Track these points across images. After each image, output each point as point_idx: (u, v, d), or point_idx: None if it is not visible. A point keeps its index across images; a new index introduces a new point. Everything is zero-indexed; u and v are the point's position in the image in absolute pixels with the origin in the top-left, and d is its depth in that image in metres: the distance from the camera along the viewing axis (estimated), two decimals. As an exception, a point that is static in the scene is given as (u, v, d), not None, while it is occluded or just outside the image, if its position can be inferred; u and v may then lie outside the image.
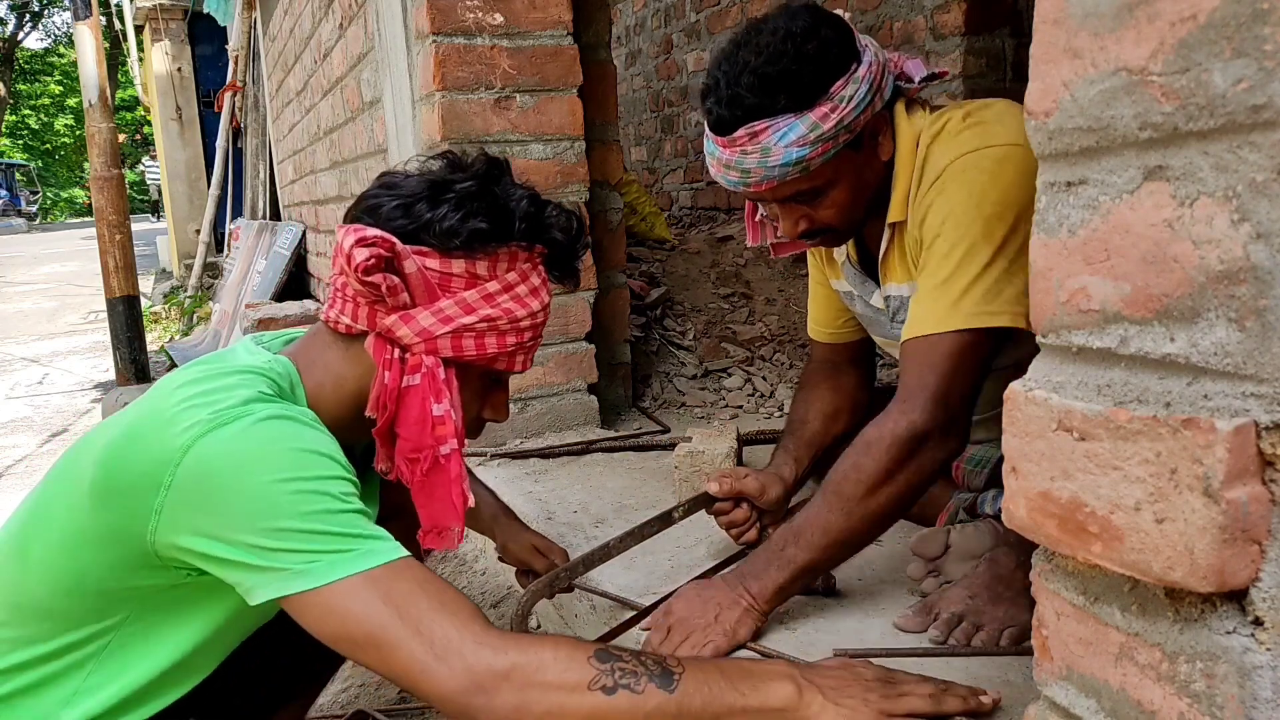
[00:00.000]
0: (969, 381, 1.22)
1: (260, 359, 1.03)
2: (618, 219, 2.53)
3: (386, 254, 0.99)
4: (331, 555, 0.88)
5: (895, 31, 3.43)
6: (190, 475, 0.88)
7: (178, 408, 0.92)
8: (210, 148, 8.71)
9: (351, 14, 3.11)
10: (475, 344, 1.05)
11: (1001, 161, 1.21)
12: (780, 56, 1.21)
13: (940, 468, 1.22)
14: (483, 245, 1.04)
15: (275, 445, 0.90)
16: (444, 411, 1.04)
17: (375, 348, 1.04)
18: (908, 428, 1.18)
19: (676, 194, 5.23)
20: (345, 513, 0.91)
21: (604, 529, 1.74)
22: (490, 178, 1.07)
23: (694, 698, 0.89)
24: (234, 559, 0.88)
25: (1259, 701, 0.51)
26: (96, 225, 4.71)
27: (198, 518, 0.89)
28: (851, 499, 1.18)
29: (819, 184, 1.27)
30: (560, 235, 1.11)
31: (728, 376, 2.80)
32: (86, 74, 4.67)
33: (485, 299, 1.05)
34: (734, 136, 1.23)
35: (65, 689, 0.98)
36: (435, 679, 0.86)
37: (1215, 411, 0.51)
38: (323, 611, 0.88)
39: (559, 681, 0.88)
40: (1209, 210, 0.51)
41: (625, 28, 5.80)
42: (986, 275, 1.19)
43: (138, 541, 0.92)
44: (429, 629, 0.87)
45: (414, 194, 1.04)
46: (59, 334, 7.59)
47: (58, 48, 30.87)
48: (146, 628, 1.00)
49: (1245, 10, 0.47)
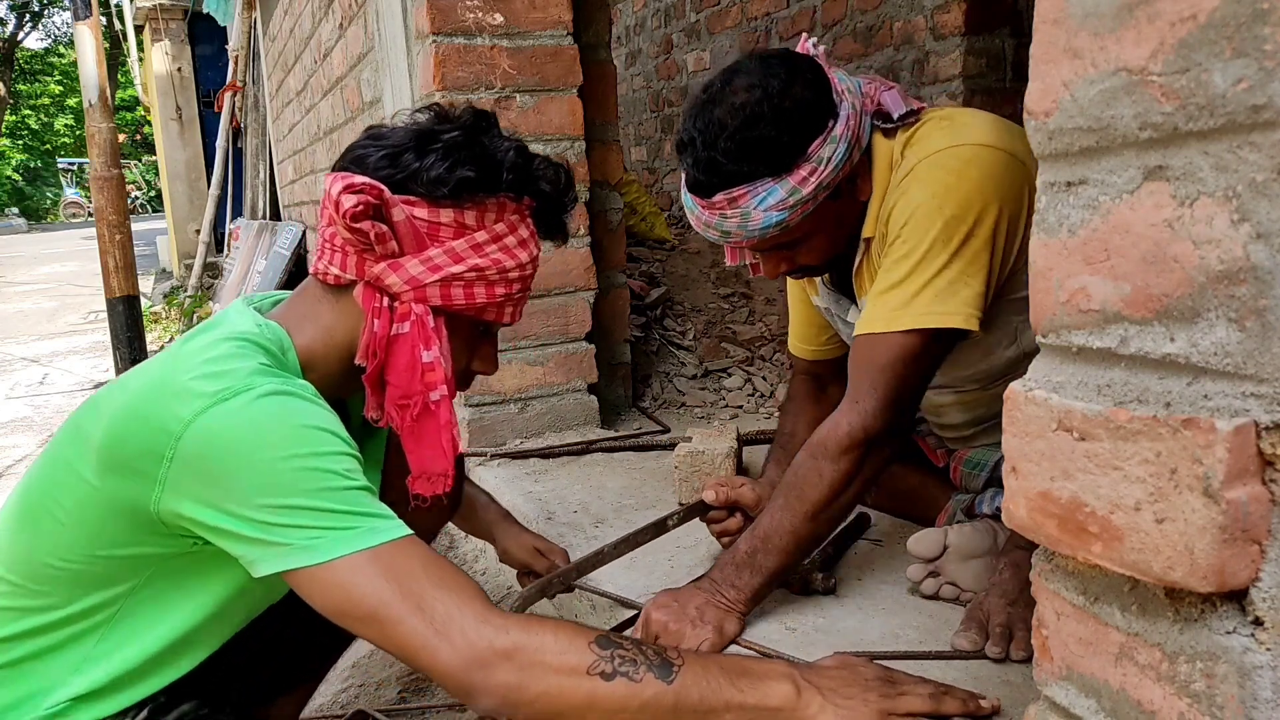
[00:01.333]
0: (918, 381, 1.23)
1: (251, 323, 1.02)
2: (618, 219, 2.53)
3: (374, 201, 1.00)
4: (335, 532, 0.88)
5: (895, 31, 3.43)
6: (193, 449, 0.89)
7: (182, 379, 0.92)
8: (210, 148, 8.71)
9: (351, 14, 3.11)
10: (464, 293, 1.06)
11: (968, 162, 1.21)
12: (756, 121, 1.19)
13: (890, 462, 1.26)
14: (470, 195, 1.04)
15: (279, 421, 0.91)
16: (433, 358, 1.05)
17: (364, 296, 1.05)
18: (862, 429, 1.20)
19: (676, 194, 5.22)
20: (349, 489, 0.91)
21: (604, 529, 1.74)
22: (477, 129, 1.08)
23: (691, 691, 0.89)
24: (237, 532, 0.89)
25: (1259, 701, 0.51)
26: (96, 225, 4.70)
27: (201, 489, 0.89)
28: (815, 503, 1.21)
29: (799, 236, 1.28)
30: (548, 187, 1.12)
31: (728, 376, 2.80)
32: (86, 74, 4.66)
33: (474, 249, 1.05)
34: (712, 200, 1.23)
35: (75, 656, 0.99)
36: (436, 654, 0.87)
37: (1215, 411, 0.51)
38: (325, 587, 0.88)
39: (558, 664, 0.88)
40: (1209, 210, 0.51)
41: (625, 28, 5.79)
42: (941, 277, 1.19)
43: (143, 509, 0.92)
44: (431, 606, 0.88)
45: (400, 144, 1.04)
46: (59, 334, 7.58)
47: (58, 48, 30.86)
48: (155, 596, 1.00)
49: (1245, 10, 0.47)
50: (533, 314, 2.29)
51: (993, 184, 1.20)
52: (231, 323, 1.03)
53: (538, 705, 0.88)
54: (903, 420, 1.22)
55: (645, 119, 5.62)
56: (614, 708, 0.89)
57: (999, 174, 1.20)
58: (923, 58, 3.29)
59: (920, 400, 1.27)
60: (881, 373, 1.20)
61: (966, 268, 1.19)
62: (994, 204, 1.20)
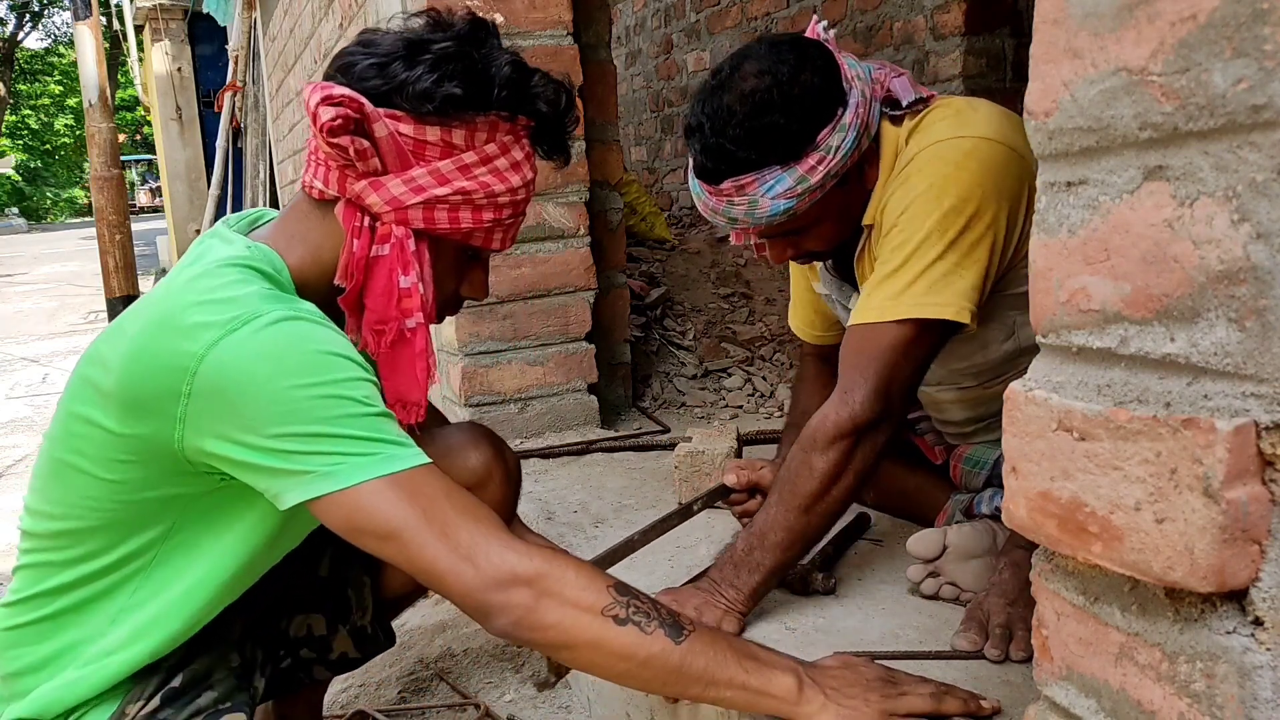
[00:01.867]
0: (910, 372, 1.22)
1: (241, 247, 0.99)
2: (618, 219, 2.52)
3: (354, 114, 0.95)
4: (356, 458, 0.88)
5: (895, 31, 3.43)
6: (208, 383, 0.87)
7: (187, 313, 0.90)
8: (210, 148, 8.72)
9: (351, 14, 3.11)
10: (449, 217, 1.01)
11: (969, 154, 1.20)
12: (765, 108, 1.18)
13: (884, 453, 1.23)
14: (459, 112, 0.98)
15: (293, 349, 0.89)
16: (411, 284, 1.01)
17: (345, 214, 1.00)
18: (851, 419, 1.18)
19: (676, 194, 5.23)
20: (368, 415, 0.90)
21: (604, 529, 1.74)
22: (472, 39, 1.01)
23: (698, 657, 0.90)
24: (258, 463, 0.88)
25: (1259, 701, 0.51)
26: (96, 225, 4.71)
27: (220, 424, 0.88)
28: (807, 496, 1.20)
29: (806, 223, 1.28)
30: (545, 107, 1.05)
31: (728, 376, 2.80)
32: (86, 74, 4.67)
33: (461, 170, 0.99)
34: (720, 187, 1.23)
35: (112, 607, 1.00)
36: (461, 576, 0.88)
37: (1215, 411, 0.51)
38: (348, 511, 0.88)
39: (575, 598, 0.89)
40: (1209, 210, 0.51)
41: (625, 28, 5.79)
42: (935, 268, 1.19)
43: (167, 450, 0.91)
44: (455, 531, 0.88)
45: (390, 53, 0.98)
46: (59, 334, 7.58)
47: (58, 48, 30.86)
48: (188, 540, 1.00)
49: (1245, 10, 0.47)
50: (533, 314, 2.29)
51: (992, 178, 1.20)
52: (220, 250, 0.99)
53: (549, 635, 0.89)
54: (893, 410, 1.21)
55: (645, 119, 5.62)
56: (620, 653, 0.89)
57: (999, 168, 1.20)
58: (923, 58, 3.29)
59: (914, 391, 1.26)
60: (872, 363, 1.19)
61: (962, 260, 1.19)
62: (992, 197, 1.19)
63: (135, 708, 1.00)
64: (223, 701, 1.05)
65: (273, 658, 1.26)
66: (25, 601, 1.00)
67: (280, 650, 1.27)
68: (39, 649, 1.00)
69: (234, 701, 1.06)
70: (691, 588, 1.26)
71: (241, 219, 1.11)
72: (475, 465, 1.26)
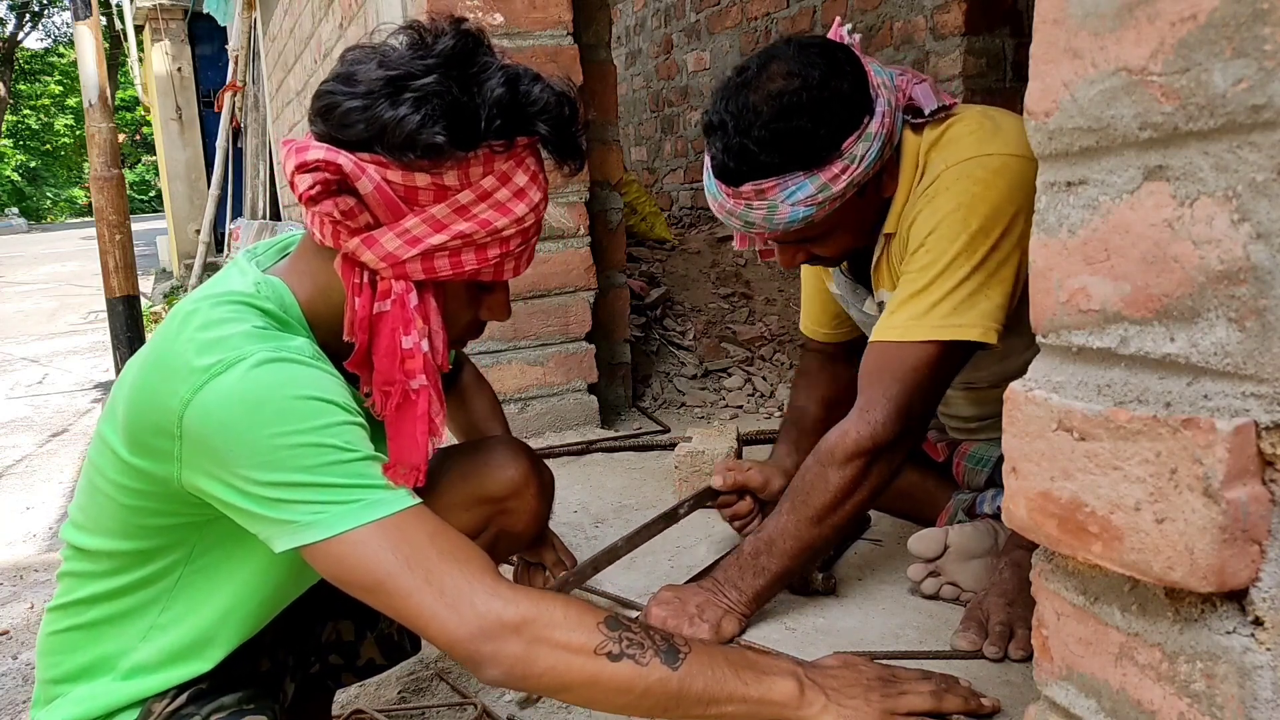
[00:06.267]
0: (931, 392, 1.21)
1: (249, 282, 0.98)
2: (618, 219, 2.52)
3: (332, 178, 0.90)
4: (339, 506, 0.87)
5: (895, 31, 3.43)
6: (194, 428, 0.88)
7: (180, 352, 0.90)
8: (210, 148, 8.72)
9: (352, 14, 3.11)
10: (450, 263, 0.95)
11: (997, 172, 1.19)
12: (793, 111, 1.15)
13: (898, 471, 1.24)
14: (449, 154, 0.91)
15: (273, 394, 0.87)
16: (413, 345, 0.97)
17: (344, 271, 0.96)
18: (870, 438, 1.18)
19: (676, 194, 5.23)
20: (351, 461, 0.89)
21: (604, 529, 1.74)
22: (460, 60, 0.93)
23: (696, 679, 0.90)
24: (247, 509, 0.88)
25: (1259, 701, 0.51)
26: (96, 225, 4.71)
27: (210, 465, 0.89)
28: (820, 508, 1.20)
29: (821, 230, 1.26)
30: (546, 128, 0.96)
31: (728, 376, 2.80)
32: (86, 74, 4.66)
33: (458, 212, 0.93)
34: (739, 189, 1.20)
35: (143, 623, 1.01)
36: (445, 625, 0.87)
37: (1215, 411, 0.51)
38: (334, 560, 0.88)
39: (566, 641, 0.88)
40: (1209, 210, 0.51)
41: (625, 28, 5.79)
42: (961, 289, 1.17)
43: (170, 484, 0.92)
44: (439, 578, 0.88)
45: (370, 92, 0.90)
46: (59, 334, 7.58)
47: (58, 48, 30.85)
48: (208, 567, 1.01)
49: (1245, 10, 0.47)
50: (533, 314, 2.29)
51: (1022, 195, 1.18)
52: (231, 282, 0.98)
53: (544, 680, 0.89)
54: (913, 430, 1.21)
55: (645, 119, 5.62)
56: (618, 688, 0.89)
57: (1028, 185, 1.19)
58: (923, 58, 3.29)
59: (933, 411, 1.25)
60: (895, 382, 1.18)
61: (988, 280, 1.17)
62: (1022, 216, 1.18)
63: (161, 705, 1.02)
64: (247, 703, 1.05)
65: (304, 664, 1.27)
66: (65, 608, 1.02)
67: (311, 656, 1.28)
68: (76, 657, 1.02)
69: (258, 704, 1.06)
70: (694, 586, 1.26)
71: (271, 246, 1.09)
72: (513, 476, 1.27)
